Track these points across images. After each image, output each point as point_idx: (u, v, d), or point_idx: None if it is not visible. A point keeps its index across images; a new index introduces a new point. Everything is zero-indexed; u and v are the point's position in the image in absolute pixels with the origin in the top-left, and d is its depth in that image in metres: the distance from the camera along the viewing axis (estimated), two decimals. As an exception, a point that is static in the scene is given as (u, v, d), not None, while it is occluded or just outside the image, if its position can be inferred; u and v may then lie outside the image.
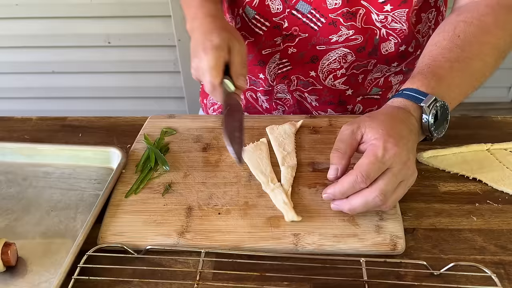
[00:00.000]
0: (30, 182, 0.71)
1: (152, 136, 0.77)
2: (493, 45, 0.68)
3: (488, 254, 0.58)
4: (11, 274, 0.58)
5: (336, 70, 0.85)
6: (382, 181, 0.56)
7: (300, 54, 0.84)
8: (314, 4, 0.78)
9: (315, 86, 0.88)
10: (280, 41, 0.84)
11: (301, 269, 0.56)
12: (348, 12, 0.77)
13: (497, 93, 2.40)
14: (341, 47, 0.81)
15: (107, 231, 0.61)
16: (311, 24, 0.80)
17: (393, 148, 0.56)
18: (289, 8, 0.80)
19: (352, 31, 0.79)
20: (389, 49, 0.82)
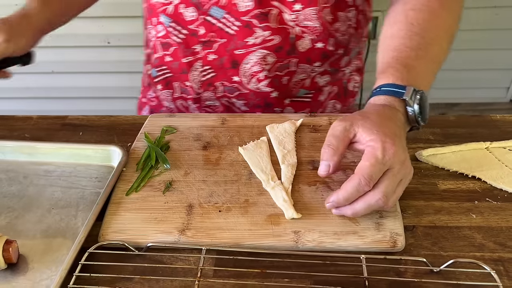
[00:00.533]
0: (31, 180, 0.71)
1: (152, 135, 0.77)
2: (444, 29, 0.70)
3: (487, 251, 0.59)
4: (12, 271, 0.58)
5: (258, 73, 0.85)
6: (384, 183, 0.56)
7: (220, 60, 0.85)
8: (227, 8, 0.79)
9: (241, 91, 0.89)
10: (199, 48, 0.85)
11: (301, 266, 0.57)
12: (261, 14, 0.78)
13: (495, 93, 2.41)
14: (259, 48, 0.82)
15: (108, 228, 0.61)
16: (227, 29, 0.81)
17: (392, 148, 0.56)
18: (202, 14, 0.80)
19: (268, 32, 0.80)
20: (305, 46, 0.83)
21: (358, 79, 1.00)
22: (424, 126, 0.80)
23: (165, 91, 0.95)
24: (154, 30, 0.90)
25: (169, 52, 0.89)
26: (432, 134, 0.79)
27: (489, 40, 2.20)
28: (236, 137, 0.77)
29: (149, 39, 0.95)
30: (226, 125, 0.80)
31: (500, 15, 2.12)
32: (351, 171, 0.68)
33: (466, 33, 2.14)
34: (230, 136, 0.77)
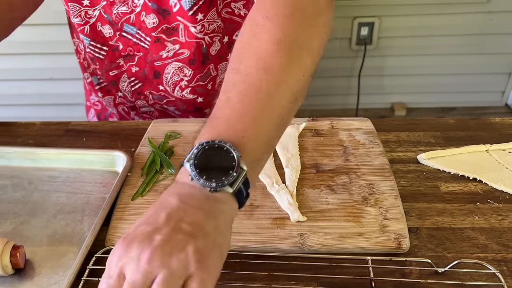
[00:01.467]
0: (36, 186, 0.72)
1: (156, 140, 0.78)
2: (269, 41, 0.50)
3: (490, 252, 0.59)
4: (19, 276, 0.58)
5: (179, 82, 0.87)
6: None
7: (143, 72, 0.87)
8: (136, 25, 0.81)
9: (168, 98, 0.90)
10: (122, 62, 0.87)
11: (308, 268, 0.57)
12: (168, 29, 0.80)
13: (491, 97, 2.43)
14: (173, 61, 0.84)
15: (114, 233, 0.61)
16: (141, 44, 0.83)
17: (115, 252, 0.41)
18: (118, 31, 0.82)
19: (177, 45, 0.82)
20: (217, 48, 0.84)
21: None
22: (425, 129, 0.81)
23: (107, 97, 0.97)
24: (81, 44, 0.91)
25: (97, 66, 0.91)
26: (432, 137, 0.80)
27: (484, 45, 2.22)
28: (239, 142, 0.77)
29: (79, 50, 0.96)
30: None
31: (494, 20, 2.15)
32: (355, 174, 0.69)
33: (461, 38, 2.17)
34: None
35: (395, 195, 0.66)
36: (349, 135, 0.78)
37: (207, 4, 0.77)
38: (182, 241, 0.40)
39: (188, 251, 0.39)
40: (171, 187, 0.46)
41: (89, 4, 0.81)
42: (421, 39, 2.13)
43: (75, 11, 0.82)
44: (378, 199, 0.65)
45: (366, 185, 0.68)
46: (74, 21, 0.84)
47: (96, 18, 0.82)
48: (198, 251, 0.40)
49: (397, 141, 0.79)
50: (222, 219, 0.44)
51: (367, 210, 0.64)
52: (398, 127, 0.82)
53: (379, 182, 0.68)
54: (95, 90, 0.97)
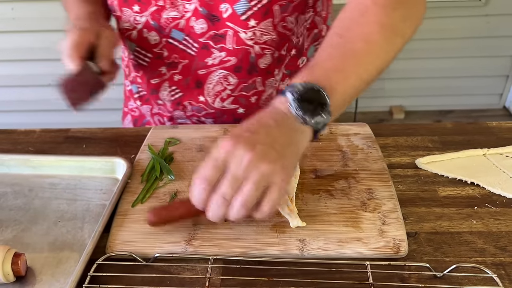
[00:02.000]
0: (36, 193, 0.72)
1: (156, 146, 0.78)
2: (375, 22, 0.62)
3: (488, 256, 0.60)
4: (21, 284, 0.58)
5: (221, 92, 0.86)
6: (221, 183, 0.53)
7: (185, 80, 0.87)
8: (185, 31, 0.81)
9: (207, 111, 0.90)
10: (165, 70, 0.87)
11: (307, 273, 0.58)
12: (216, 35, 0.80)
13: (489, 100, 2.44)
14: (219, 69, 0.83)
15: (115, 240, 0.62)
16: (188, 50, 0.83)
17: (226, 144, 0.53)
18: (165, 37, 0.82)
19: (224, 53, 0.81)
20: (267, 62, 0.84)
21: None
22: (423, 134, 0.82)
23: (145, 106, 0.97)
24: (126, 51, 0.93)
25: (139, 74, 0.91)
26: (430, 142, 0.80)
27: (481, 48, 2.23)
28: (238, 148, 0.78)
29: (123, 57, 0.97)
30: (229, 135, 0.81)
31: (491, 23, 2.16)
32: (353, 179, 0.70)
33: (459, 41, 2.18)
34: (232, 146, 0.78)
35: (394, 200, 0.67)
36: (347, 140, 0.79)
37: (262, 12, 0.76)
38: (275, 157, 0.53)
39: (277, 165, 0.53)
40: (269, 109, 0.58)
41: (139, 11, 0.81)
42: (419, 43, 2.14)
43: (126, 16, 0.83)
44: (377, 204, 0.66)
45: (365, 190, 0.68)
46: (124, 26, 0.84)
47: (143, 25, 0.82)
48: (283, 167, 0.53)
49: (395, 145, 0.80)
50: (300, 147, 0.57)
51: (365, 215, 0.64)
52: (396, 132, 0.83)
53: (378, 187, 0.69)
54: (133, 98, 0.98)
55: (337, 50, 0.61)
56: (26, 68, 2.02)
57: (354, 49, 0.61)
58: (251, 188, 0.52)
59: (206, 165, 0.54)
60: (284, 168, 0.54)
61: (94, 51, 0.77)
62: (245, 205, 0.53)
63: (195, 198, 0.55)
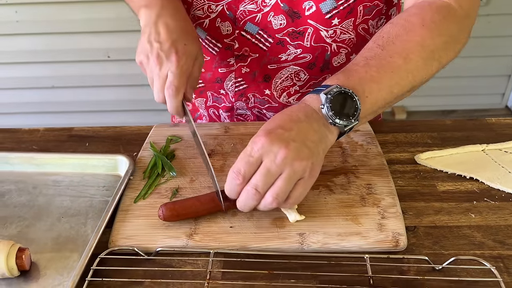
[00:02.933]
0: (40, 190, 0.73)
1: (157, 144, 0.79)
2: (418, 43, 0.64)
3: (487, 249, 0.60)
4: (25, 278, 0.59)
5: (289, 87, 0.87)
6: (254, 175, 0.56)
7: (253, 73, 0.87)
8: (261, 25, 0.80)
9: (271, 104, 0.90)
10: (233, 61, 0.86)
11: (307, 267, 0.58)
12: (294, 32, 0.79)
13: (491, 99, 2.44)
14: (291, 65, 0.83)
15: (117, 235, 0.63)
16: (260, 45, 0.82)
17: (261, 140, 0.56)
18: (238, 29, 0.82)
19: (300, 50, 0.81)
20: (341, 61, 0.84)
21: None
22: (422, 130, 0.83)
23: (199, 99, 0.97)
24: None
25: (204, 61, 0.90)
26: (430, 138, 0.81)
27: (483, 48, 2.23)
28: (239, 145, 0.79)
29: None
30: (229, 133, 0.82)
31: (493, 23, 2.16)
32: (353, 175, 0.71)
33: (460, 41, 2.18)
34: (233, 143, 0.79)
35: (393, 194, 0.67)
36: (347, 136, 0.79)
37: (347, 11, 0.77)
38: (307, 154, 0.56)
39: (309, 162, 0.56)
40: (300, 105, 0.61)
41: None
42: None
43: (199, 4, 0.81)
44: (376, 198, 0.66)
45: (364, 185, 0.69)
46: (196, 13, 0.83)
47: (217, 14, 0.81)
48: (313, 165, 0.57)
49: (395, 142, 0.80)
50: (328, 145, 0.60)
51: (365, 209, 0.65)
52: (395, 128, 0.83)
53: (377, 182, 0.69)
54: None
55: (376, 61, 0.63)
56: (30, 70, 2.03)
57: (392, 64, 0.63)
58: (284, 183, 0.56)
59: (241, 160, 0.57)
60: (314, 165, 0.57)
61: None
62: (277, 199, 0.56)
63: (228, 190, 0.59)
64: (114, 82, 2.07)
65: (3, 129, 0.89)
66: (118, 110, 2.15)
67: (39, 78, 2.06)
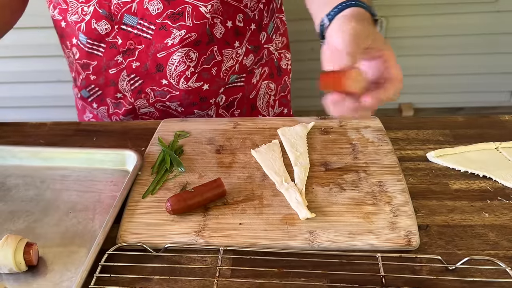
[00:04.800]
0: (48, 185, 0.73)
1: (165, 139, 0.79)
2: None
3: (501, 249, 0.59)
4: (32, 273, 0.59)
5: (184, 71, 0.86)
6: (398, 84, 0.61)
7: (144, 66, 0.86)
8: (139, 14, 0.80)
9: (172, 93, 0.89)
10: (121, 58, 0.86)
11: (318, 265, 0.57)
12: (173, 14, 0.79)
13: (499, 97, 2.42)
14: (180, 47, 0.83)
15: (126, 230, 0.62)
16: (144, 34, 0.82)
17: (393, 53, 0.61)
18: (117, 24, 0.81)
19: (184, 31, 0.81)
20: (221, 31, 0.84)
21: (289, 56, 1.02)
22: (434, 127, 0.82)
23: (102, 107, 0.96)
24: (71, 53, 0.91)
25: (90, 71, 0.90)
26: (442, 135, 0.80)
27: (492, 44, 2.21)
28: (248, 140, 0.78)
29: (70, 63, 0.96)
30: (238, 128, 0.81)
31: (502, 20, 2.14)
32: (364, 172, 0.70)
33: (469, 38, 2.16)
34: (242, 139, 0.78)
35: (405, 192, 0.66)
36: (357, 133, 0.78)
37: None
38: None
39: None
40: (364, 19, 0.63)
41: (85, 0, 0.80)
42: (428, 39, 2.12)
43: (74, 8, 0.81)
44: (388, 196, 0.65)
45: (375, 183, 0.68)
46: (72, 19, 0.83)
47: (91, 15, 0.81)
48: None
49: (406, 139, 0.79)
50: None
51: (376, 207, 0.64)
52: (407, 125, 0.82)
53: (388, 179, 0.68)
54: (88, 102, 0.96)
55: None
56: (36, 64, 2.03)
57: None
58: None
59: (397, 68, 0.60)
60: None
61: None
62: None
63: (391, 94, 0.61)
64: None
65: (10, 123, 0.89)
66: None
67: (45, 72, 2.05)
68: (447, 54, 2.21)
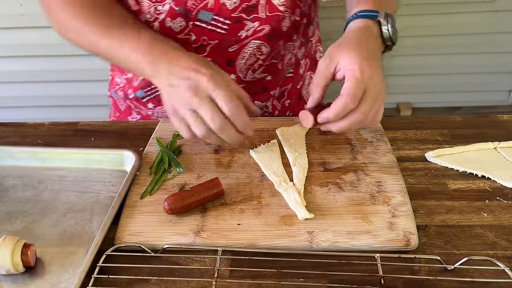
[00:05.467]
0: (46, 186, 0.72)
1: (164, 139, 0.78)
2: None
3: (500, 249, 0.59)
4: (30, 274, 0.58)
5: (253, 64, 0.87)
6: (363, 103, 0.64)
7: (215, 62, 0.84)
8: (215, 9, 0.80)
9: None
10: None
11: (316, 266, 0.57)
12: (248, 7, 0.80)
13: (498, 96, 2.42)
14: (252, 39, 0.83)
15: (124, 231, 0.62)
16: (218, 30, 0.82)
17: (368, 69, 0.64)
18: (191, 21, 0.81)
19: (257, 23, 0.82)
20: (287, 24, 0.85)
21: (321, 49, 1.05)
22: (432, 127, 0.82)
23: (159, 107, 0.95)
24: None
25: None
26: (440, 135, 0.80)
27: (490, 44, 2.21)
28: (246, 140, 0.78)
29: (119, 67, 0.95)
30: (237, 129, 0.80)
31: (500, 19, 2.14)
32: (362, 172, 0.69)
33: (467, 37, 2.16)
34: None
35: (403, 192, 0.66)
36: (356, 133, 0.78)
37: None
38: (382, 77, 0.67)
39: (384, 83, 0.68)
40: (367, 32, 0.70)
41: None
42: (426, 39, 2.12)
43: (145, 8, 0.80)
44: (386, 196, 0.65)
45: (374, 183, 0.68)
46: (144, 19, 0.81)
47: (166, 14, 0.80)
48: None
49: (405, 139, 0.79)
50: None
51: (375, 207, 0.64)
52: (405, 125, 0.82)
53: (387, 180, 0.68)
54: (142, 103, 0.95)
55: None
56: (34, 64, 2.02)
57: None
58: (380, 106, 0.68)
59: (357, 86, 0.64)
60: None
61: None
62: (373, 120, 0.67)
63: (339, 112, 0.65)
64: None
65: (8, 123, 0.88)
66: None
67: (44, 72, 2.05)
68: (445, 54, 2.21)
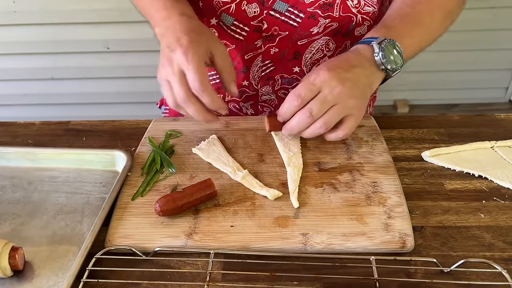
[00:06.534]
0: (35, 187, 0.71)
1: (156, 139, 0.77)
2: (439, 4, 0.76)
3: (497, 251, 0.58)
4: (18, 278, 0.57)
5: (319, 59, 0.87)
6: (310, 102, 0.65)
7: (282, 53, 0.85)
8: (291, 1, 0.79)
9: (299, 82, 0.89)
10: (260, 43, 0.84)
11: (310, 268, 0.56)
12: (324, 4, 0.79)
13: (495, 94, 2.41)
14: (322, 35, 0.83)
15: (114, 233, 0.61)
16: (290, 22, 0.81)
17: (324, 74, 0.65)
18: (266, 9, 0.80)
19: (328, 20, 0.81)
20: (362, 32, 0.85)
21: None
22: (429, 126, 0.81)
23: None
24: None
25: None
26: (436, 134, 0.79)
27: (486, 41, 2.20)
28: (240, 140, 0.77)
29: None
30: (231, 128, 0.79)
31: (496, 16, 2.13)
32: (358, 172, 0.68)
33: (464, 34, 2.15)
34: (234, 139, 0.77)
35: (399, 193, 0.65)
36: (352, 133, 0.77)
37: None
38: (358, 94, 0.66)
39: (358, 101, 0.66)
40: (354, 52, 0.70)
41: None
42: (423, 36, 2.11)
43: None
44: (382, 197, 0.64)
45: (370, 183, 0.67)
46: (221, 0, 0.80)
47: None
48: (361, 105, 0.67)
49: (401, 138, 0.78)
50: (373, 88, 0.70)
51: (370, 208, 0.63)
52: (401, 124, 0.81)
53: (383, 180, 0.67)
54: None
55: (408, 18, 0.74)
56: (27, 61, 2.00)
57: (421, 22, 0.75)
58: (335, 113, 0.65)
59: (303, 86, 0.65)
60: (362, 105, 0.67)
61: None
62: (325, 125, 0.65)
63: (285, 110, 0.66)
64: (113, 74, 2.04)
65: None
66: (117, 103, 2.13)
67: (37, 69, 2.03)
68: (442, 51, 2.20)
